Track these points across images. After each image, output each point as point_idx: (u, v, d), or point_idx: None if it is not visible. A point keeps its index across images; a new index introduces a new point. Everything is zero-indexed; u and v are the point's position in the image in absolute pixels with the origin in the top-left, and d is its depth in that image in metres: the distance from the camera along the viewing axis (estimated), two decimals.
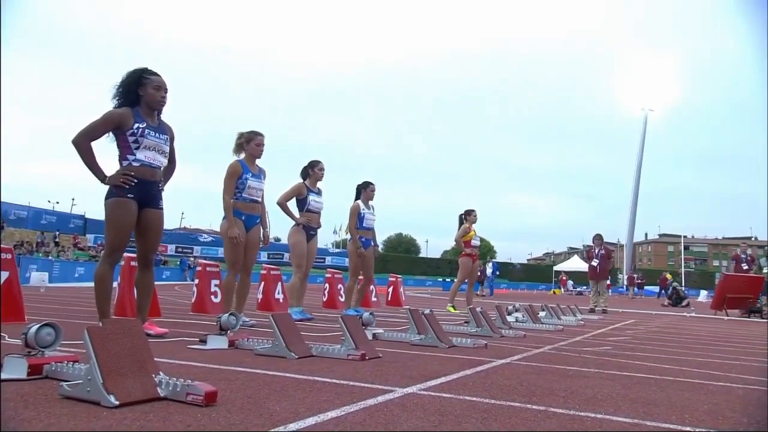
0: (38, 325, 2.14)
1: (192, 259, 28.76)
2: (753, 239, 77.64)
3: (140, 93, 3.49)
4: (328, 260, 41.72)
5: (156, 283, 5.87)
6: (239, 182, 4.67)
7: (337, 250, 47.68)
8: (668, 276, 24.68)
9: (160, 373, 1.85)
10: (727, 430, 1.75)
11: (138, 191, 3.43)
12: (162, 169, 3.60)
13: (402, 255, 59.69)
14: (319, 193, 5.79)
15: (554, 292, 35.24)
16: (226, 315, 3.29)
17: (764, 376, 2.97)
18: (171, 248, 35.23)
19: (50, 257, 21.36)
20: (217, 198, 4.83)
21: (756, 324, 8.86)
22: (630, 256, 46.36)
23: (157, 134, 3.52)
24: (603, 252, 10.87)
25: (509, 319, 5.76)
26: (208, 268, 6.63)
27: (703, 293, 26.65)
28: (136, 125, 3.43)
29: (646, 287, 33.20)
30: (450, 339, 3.77)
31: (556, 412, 1.86)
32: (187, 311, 6.35)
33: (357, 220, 6.42)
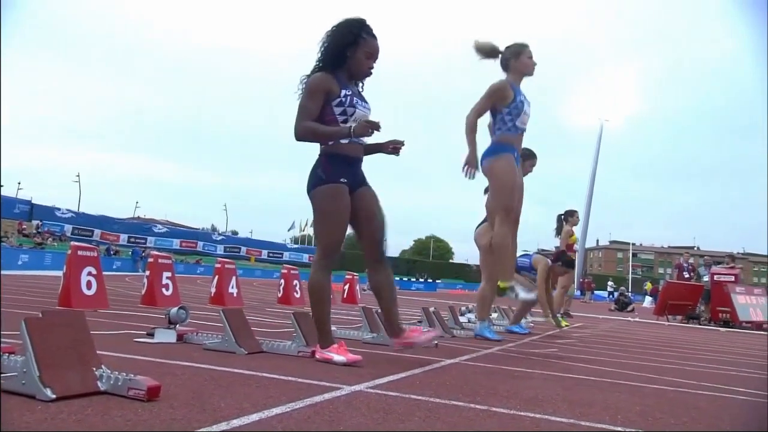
0: None
1: (144, 250, 27.97)
2: (695, 249, 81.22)
3: (348, 54, 2.83)
4: (286, 255, 41.37)
5: (105, 273, 5.71)
6: (512, 106, 3.42)
7: (295, 246, 47.32)
8: (650, 284, 26.04)
9: (102, 366, 1.81)
10: (655, 430, 1.85)
11: (350, 174, 2.85)
12: None
13: (360, 253, 59.44)
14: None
15: None
16: (176, 308, 3.23)
17: (694, 380, 3.14)
18: (123, 238, 34.27)
19: None
20: (183, 186, 4.22)
21: (694, 330, 9.32)
22: (582, 261, 47.82)
23: (363, 103, 2.90)
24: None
25: (462, 319, 5.86)
26: (159, 260, 6.47)
27: (648, 299, 27.79)
28: (344, 92, 2.80)
29: (596, 292, 34.84)
30: None
31: (497, 412, 1.92)
32: (137, 303, 6.20)
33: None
